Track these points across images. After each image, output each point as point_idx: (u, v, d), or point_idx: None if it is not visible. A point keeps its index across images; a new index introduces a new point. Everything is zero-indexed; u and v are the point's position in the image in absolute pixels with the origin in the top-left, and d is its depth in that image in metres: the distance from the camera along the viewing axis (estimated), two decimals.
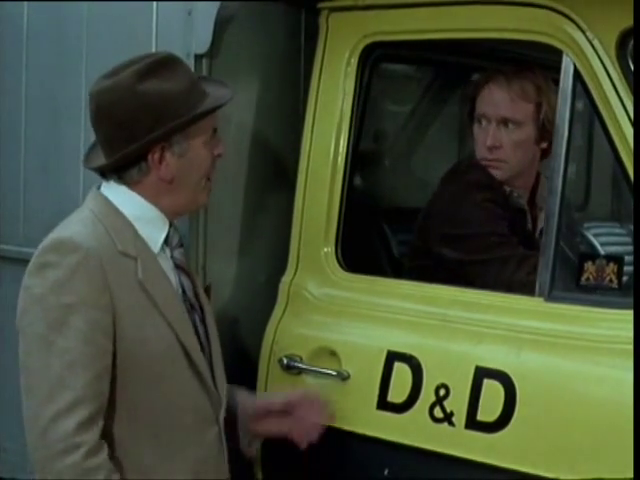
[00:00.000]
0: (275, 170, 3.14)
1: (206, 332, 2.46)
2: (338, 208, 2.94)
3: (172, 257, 2.40)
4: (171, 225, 2.40)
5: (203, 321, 2.46)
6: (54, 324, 2.15)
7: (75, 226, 2.28)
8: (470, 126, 3.07)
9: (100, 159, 2.36)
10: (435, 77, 3.60)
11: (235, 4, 2.94)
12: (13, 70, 3.61)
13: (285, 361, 2.87)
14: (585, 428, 2.41)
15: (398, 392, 2.69)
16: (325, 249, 2.94)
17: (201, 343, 2.41)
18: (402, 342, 2.73)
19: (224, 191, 2.97)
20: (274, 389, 2.91)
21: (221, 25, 2.90)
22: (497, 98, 2.97)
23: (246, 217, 3.07)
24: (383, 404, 2.71)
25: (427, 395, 2.64)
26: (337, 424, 2.76)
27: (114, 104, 2.27)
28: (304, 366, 2.85)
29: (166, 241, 2.38)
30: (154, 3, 3.03)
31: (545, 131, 2.96)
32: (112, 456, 2.20)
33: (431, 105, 3.66)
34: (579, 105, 2.59)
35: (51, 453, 2.12)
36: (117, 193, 2.34)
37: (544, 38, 2.63)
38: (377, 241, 3.33)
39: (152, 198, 2.34)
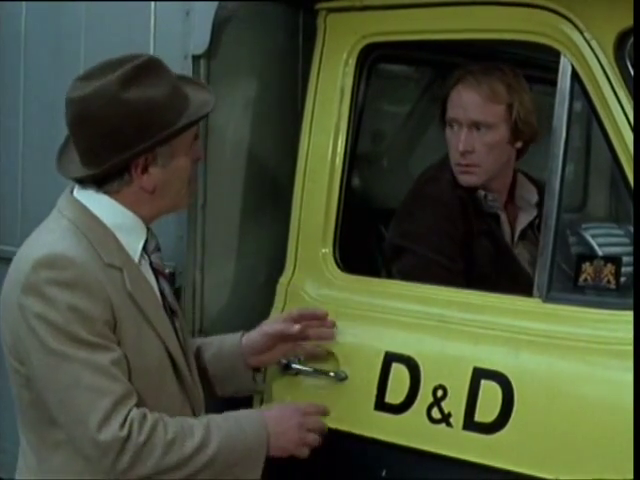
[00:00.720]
0: (273, 171, 3.14)
1: (184, 337, 2.46)
2: (336, 209, 2.94)
3: (150, 262, 2.37)
4: (148, 230, 2.37)
5: (182, 326, 2.46)
6: (66, 339, 2.13)
7: (61, 240, 2.22)
8: (443, 130, 3.04)
9: (78, 168, 2.29)
10: (433, 78, 3.59)
11: (233, 4, 2.94)
12: (11, 70, 3.62)
13: (283, 362, 2.86)
14: (583, 429, 2.40)
15: (396, 393, 2.69)
16: (323, 250, 2.93)
17: (182, 348, 2.41)
18: (400, 343, 2.72)
19: (222, 191, 2.98)
20: (272, 389, 2.91)
21: (219, 25, 2.90)
22: (466, 101, 2.93)
23: (244, 217, 3.06)
24: (381, 405, 2.71)
25: (425, 396, 2.64)
26: (335, 425, 2.76)
27: (98, 113, 2.20)
28: (302, 367, 2.85)
29: (144, 247, 2.36)
30: (152, 3, 3.04)
31: (519, 130, 2.94)
32: None
33: (429, 106, 3.65)
34: (577, 106, 2.58)
35: (114, 451, 2.12)
36: (96, 201, 2.29)
37: (542, 39, 2.63)
38: (375, 242, 3.32)
39: (132, 206, 2.30)
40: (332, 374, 2.79)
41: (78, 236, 2.23)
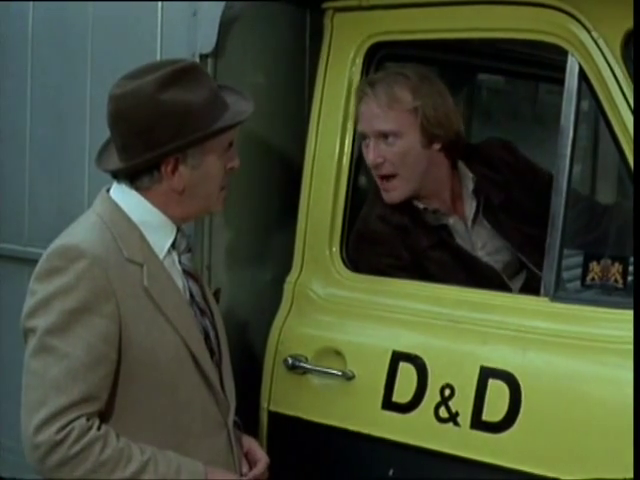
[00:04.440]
0: (280, 170, 3.15)
1: (217, 337, 2.46)
2: (343, 208, 2.94)
3: (180, 262, 2.39)
4: (179, 230, 2.39)
5: (214, 326, 2.46)
6: (57, 329, 2.16)
7: (82, 233, 2.27)
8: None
9: (114, 162, 2.35)
10: (439, 77, 3.58)
11: (240, 4, 2.94)
12: (18, 70, 3.61)
13: (290, 361, 2.87)
14: (590, 428, 2.41)
15: (403, 392, 2.69)
16: (330, 249, 2.94)
17: (211, 348, 2.41)
18: (407, 342, 2.73)
19: (229, 191, 2.97)
20: (279, 389, 2.92)
21: (226, 25, 2.90)
22: (368, 113, 2.87)
23: (251, 217, 3.07)
24: (388, 404, 2.71)
25: (432, 395, 2.64)
26: (342, 424, 2.77)
27: (133, 110, 2.25)
28: (309, 366, 2.85)
29: (173, 246, 2.37)
30: (159, 3, 3.03)
31: (431, 133, 2.87)
32: None
33: None
34: (584, 105, 2.59)
35: (40, 454, 2.12)
36: (126, 197, 2.33)
37: (549, 38, 2.63)
38: None
39: (161, 205, 2.33)
40: (339, 373, 2.79)
41: (102, 229, 2.27)
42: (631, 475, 2.21)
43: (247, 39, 3.00)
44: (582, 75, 2.55)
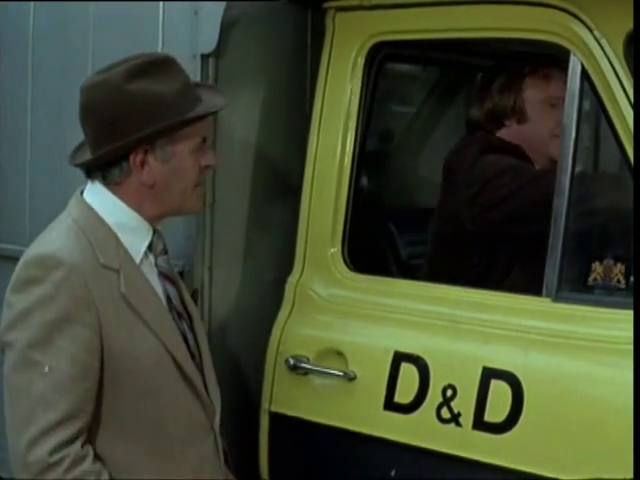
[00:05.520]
0: (281, 170, 3.14)
1: (195, 339, 2.41)
2: (345, 208, 2.93)
3: (156, 265, 2.34)
4: (155, 232, 2.34)
5: (192, 328, 2.41)
6: (39, 342, 2.11)
7: (58, 239, 2.22)
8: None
9: (85, 156, 2.31)
10: (441, 76, 3.59)
11: (241, 4, 2.93)
12: (18, 70, 3.61)
13: (292, 362, 2.86)
14: (593, 429, 2.40)
15: (405, 393, 2.68)
16: (332, 249, 2.93)
17: (191, 352, 2.36)
18: (409, 343, 2.72)
19: (230, 191, 2.98)
20: (281, 390, 2.91)
21: (227, 25, 2.89)
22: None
23: (252, 217, 3.06)
24: (390, 405, 2.70)
25: (434, 396, 2.63)
26: (344, 424, 2.76)
27: (102, 101, 2.23)
28: (311, 366, 2.84)
29: (150, 248, 2.33)
30: (160, 3, 3.03)
31: None
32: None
33: (437, 105, 3.65)
34: (586, 105, 2.58)
35: (32, 473, 2.08)
36: (101, 199, 2.28)
37: (551, 37, 2.62)
38: (383, 241, 3.31)
39: (135, 203, 2.28)
40: (341, 373, 2.78)
41: (78, 235, 2.22)
42: (631, 475, 2.20)
43: (248, 39, 3.00)
44: (584, 75, 2.54)
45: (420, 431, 2.65)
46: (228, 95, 2.87)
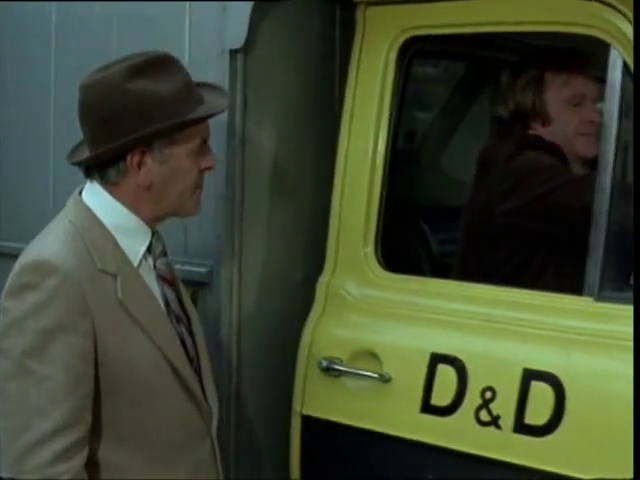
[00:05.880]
0: (311, 168, 3.07)
1: (194, 342, 2.37)
2: (377, 207, 2.87)
3: (155, 267, 2.31)
4: (154, 234, 2.31)
5: (190, 332, 2.37)
6: (33, 351, 2.08)
7: (54, 244, 2.17)
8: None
9: (83, 154, 2.28)
10: (471, 72, 3.53)
11: None
12: (41, 69, 3.56)
13: (324, 363, 2.81)
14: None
15: (442, 395, 2.63)
16: (365, 249, 2.87)
17: (189, 355, 2.33)
18: (445, 343, 2.67)
19: (259, 189, 2.93)
20: (313, 392, 2.86)
21: (256, 20, 2.83)
22: None
23: (280, 215, 3.00)
24: (427, 407, 2.65)
25: (472, 398, 2.58)
26: (379, 427, 2.71)
27: (100, 99, 2.19)
28: (344, 368, 2.79)
29: (149, 250, 2.30)
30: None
31: None
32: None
33: (469, 102, 3.59)
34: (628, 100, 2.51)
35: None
36: (98, 200, 2.24)
37: (590, 30, 2.55)
38: (416, 240, 3.26)
39: (132, 205, 2.25)
40: (376, 375, 2.73)
41: (75, 239, 2.18)
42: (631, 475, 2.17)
43: (277, 34, 2.93)
44: (625, 69, 2.48)
45: (458, 434, 2.60)
46: (257, 91, 2.86)
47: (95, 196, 2.25)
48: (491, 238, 2.92)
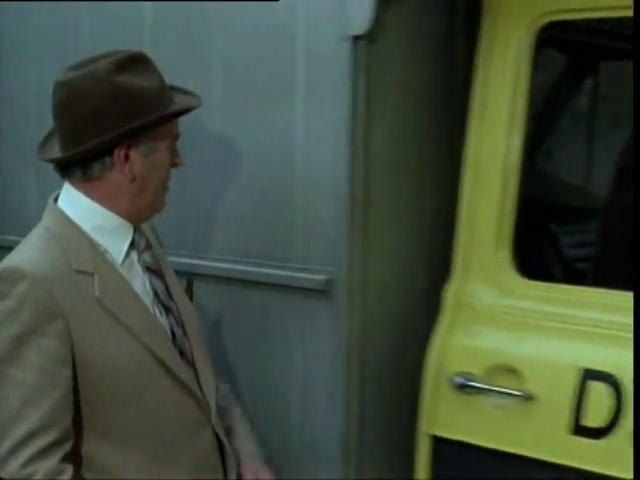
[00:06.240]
0: (430, 167, 2.83)
1: (185, 333, 2.38)
2: (512, 210, 2.62)
3: (140, 261, 2.34)
4: (135, 230, 2.34)
5: (180, 323, 2.38)
6: (7, 356, 2.13)
7: (27, 251, 2.23)
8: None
9: (57, 151, 2.28)
10: (608, 64, 3.28)
11: None
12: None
13: (457, 380, 2.58)
14: None
15: (594, 415, 2.39)
16: (498, 254, 2.63)
17: (180, 347, 2.34)
18: (596, 358, 2.43)
19: (384, 189, 2.69)
20: (444, 411, 2.62)
21: (380, 4, 2.59)
22: None
23: (405, 217, 2.77)
24: (576, 428, 2.41)
25: (629, 418, 2.33)
26: (521, 450, 2.47)
27: (88, 93, 2.20)
28: (482, 385, 2.55)
29: (132, 246, 2.33)
30: None
31: None
32: None
33: (609, 96, 3.33)
34: None
35: None
36: (75, 205, 2.28)
37: None
38: (552, 245, 3.01)
39: (110, 202, 2.27)
40: (518, 393, 2.49)
41: (49, 243, 2.23)
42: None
43: (398, 23, 2.69)
44: None
45: (613, 459, 2.36)
46: (380, 81, 2.63)
47: (71, 201, 2.28)
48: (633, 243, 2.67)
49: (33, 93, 3.50)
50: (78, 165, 2.25)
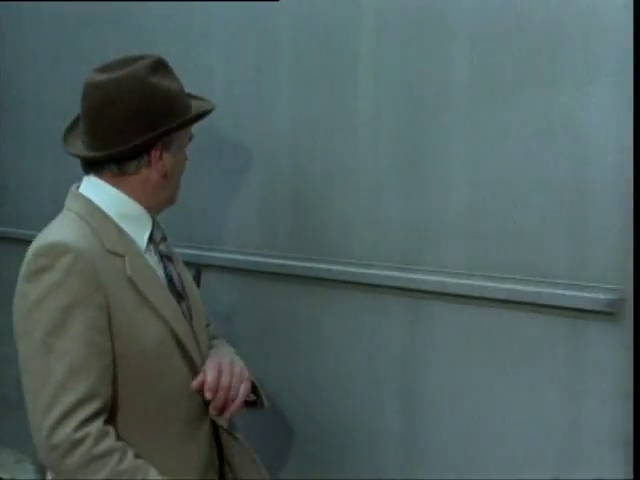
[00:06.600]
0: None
1: (192, 320, 2.47)
2: None
3: (158, 251, 2.45)
4: (154, 221, 2.46)
5: (189, 309, 2.49)
6: (53, 328, 2.18)
7: (62, 230, 2.31)
8: None
9: (95, 149, 2.35)
10: None
11: None
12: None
13: None
14: None
15: None
16: None
17: (193, 330, 2.45)
18: None
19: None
20: None
21: None
22: None
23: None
24: None
25: None
26: None
27: (127, 94, 2.30)
28: None
29: (151, 237, 2.44)
30: None
31: None
32: None
33: None
34: None
35: (59, 453, 2.15)
36: (99, 192, 2.39)
37: None
38: None
39: (137, 194, 2.40)
40: None
41: (82, 224, 2.32)
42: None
43: None
44: None
45: None
46: None
47: (95, 189, 2.38)
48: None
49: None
50: (112, 162, 2.35)
